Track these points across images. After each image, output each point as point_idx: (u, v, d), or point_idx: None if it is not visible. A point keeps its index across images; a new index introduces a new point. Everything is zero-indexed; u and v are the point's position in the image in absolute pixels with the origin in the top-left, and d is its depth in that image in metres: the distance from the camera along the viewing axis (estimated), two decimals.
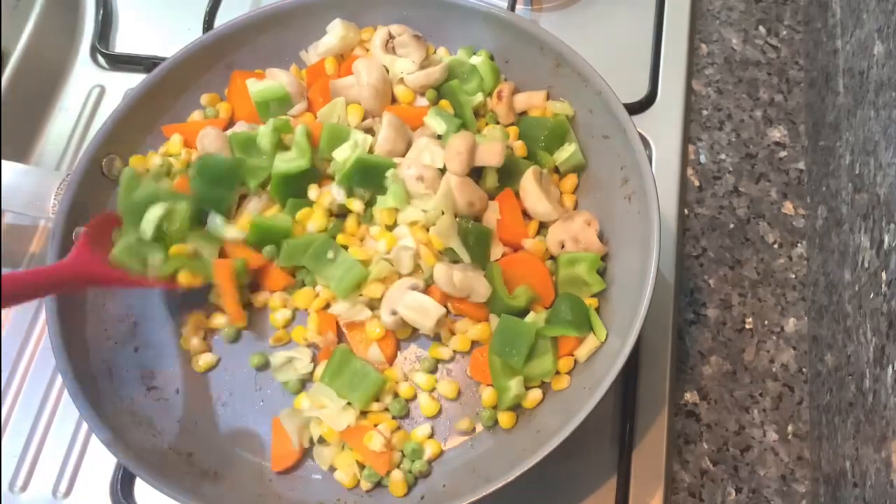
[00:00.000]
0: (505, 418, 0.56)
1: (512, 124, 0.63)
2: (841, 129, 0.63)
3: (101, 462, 0.62)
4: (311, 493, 0.55)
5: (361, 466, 0.56)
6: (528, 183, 0.59)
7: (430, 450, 0.56)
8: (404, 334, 0.59)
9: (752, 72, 0.76)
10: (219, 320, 0.61)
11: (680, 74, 0.75)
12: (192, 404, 0.59)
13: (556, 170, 0.63)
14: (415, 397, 0.58)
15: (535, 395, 0.56)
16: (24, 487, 0.62)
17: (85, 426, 0.63)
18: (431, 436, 0.57)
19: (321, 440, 0.57)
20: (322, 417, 0.56)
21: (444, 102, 0.64)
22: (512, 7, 0.75)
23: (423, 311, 0.56)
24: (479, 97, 0.64)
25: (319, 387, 0.57)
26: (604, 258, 0.59)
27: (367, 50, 0.66)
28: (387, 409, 0.57)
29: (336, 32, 0.65)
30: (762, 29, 0.79)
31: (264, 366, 0.60)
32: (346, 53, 0.67)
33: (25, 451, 0.63)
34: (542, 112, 0.63)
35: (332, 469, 0.56)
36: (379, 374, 0.57)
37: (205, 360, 0.60)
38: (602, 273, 0.58)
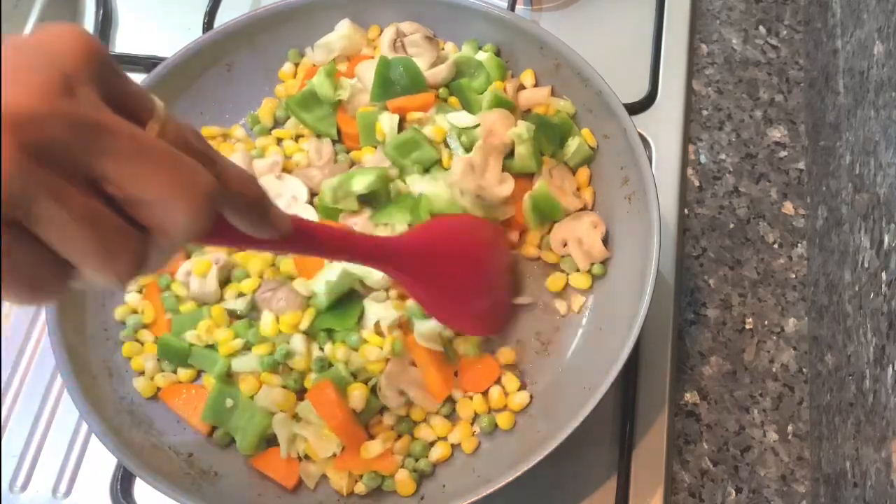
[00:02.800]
0: (503, 419, 0.55)
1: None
2: (841, 129, 0.63)
3: (101, 462, 0.61)
4: (311, 494, 0.55)
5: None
6: (540, 181, 0.59)
7: (438, 451, 0.55)
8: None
9: (752, 72, 0.76)
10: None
11: (680, 74, 0.75)
12: None
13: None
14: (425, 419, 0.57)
15: (523, 397, 0.56)
16: (24, 487, 0.62)
17: (85, 426, 0.63)
18: (437, 440, 0.56)
19: (307, 457, 0.55)
20: (308, 437, 0.54)
21: (452, 100, 0.64)
22: (512, 7, 0.75)
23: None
24: (489, 96, 0.63)
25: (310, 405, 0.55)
26: (604, 260, 0.59)
27: (376, 48, 0.66)
28: (391, 428, 0.56)
29: (342, 32, 0.66)
30: (762, 29, 0.79)
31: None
32: (353, 54, 0.67)
33: (25, 451, 0.63)
34: (545, 109, 0.63)
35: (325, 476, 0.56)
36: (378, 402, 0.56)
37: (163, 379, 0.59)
38: (602, 274, 0.58)
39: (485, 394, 0.57)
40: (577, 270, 0.59)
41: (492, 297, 0.58)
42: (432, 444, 0.56)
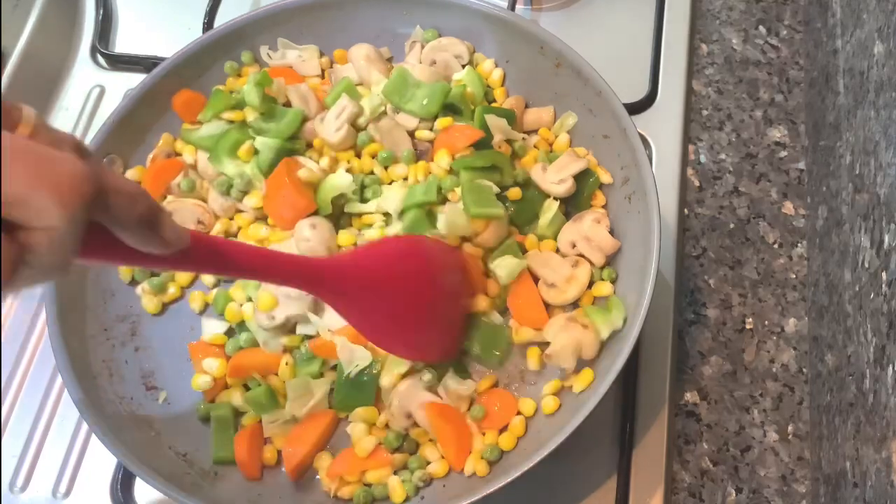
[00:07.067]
0: (505, 441, 0.54)
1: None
2: (841, 129, 0.63)
3: (101, 462, 0.62)
4: (311, 494, 0.55)
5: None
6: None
7: (436, 468, 0.54)
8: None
9: (752, 72, 0.76)
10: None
11: (680, 74, 0.75)
12: (191, 404, 0.59)
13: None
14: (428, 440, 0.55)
15: (551, 402, 0.55)
16: (24, 487, 0.62)
17: (85, 426, 0.63)
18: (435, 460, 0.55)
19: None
20: None
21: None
22: (512, 7, 0.75)
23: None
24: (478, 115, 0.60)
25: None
26: (615, 253, 0.58)
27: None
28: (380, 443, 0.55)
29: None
30: (762, 29, 0.79)
31: None
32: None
33: (25, 451, 0.63)
34: (548, 135, 0.62)
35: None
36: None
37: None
38: (613, 280, 0.58)
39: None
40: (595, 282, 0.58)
41: (441, 322, 0.54)
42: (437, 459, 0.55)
